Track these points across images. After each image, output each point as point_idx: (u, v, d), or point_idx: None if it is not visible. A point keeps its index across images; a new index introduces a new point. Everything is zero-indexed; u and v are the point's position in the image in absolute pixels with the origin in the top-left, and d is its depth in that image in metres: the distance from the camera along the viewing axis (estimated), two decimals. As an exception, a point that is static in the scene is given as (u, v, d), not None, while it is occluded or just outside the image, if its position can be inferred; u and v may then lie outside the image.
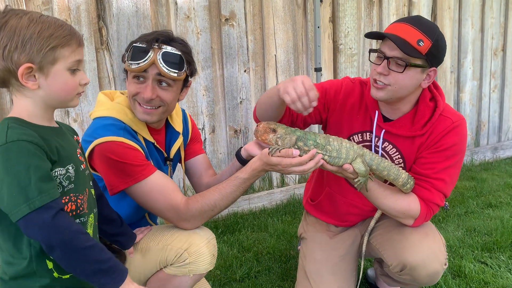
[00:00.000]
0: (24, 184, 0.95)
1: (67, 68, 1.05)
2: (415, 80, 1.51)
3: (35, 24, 1.00)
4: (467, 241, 2.43)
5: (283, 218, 2.85)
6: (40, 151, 0.99)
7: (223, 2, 2.81)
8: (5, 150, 0.96)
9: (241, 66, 2.94)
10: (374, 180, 1.54)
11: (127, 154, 1.38)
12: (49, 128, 1.09)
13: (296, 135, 1.40)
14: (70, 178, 1.09)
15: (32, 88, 1.02)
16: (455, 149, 1.58)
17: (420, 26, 1.47)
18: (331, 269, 1.80)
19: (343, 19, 3.20)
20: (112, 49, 2.53)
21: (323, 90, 1.70)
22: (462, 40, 3.89)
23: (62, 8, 2.37)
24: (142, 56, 1.38)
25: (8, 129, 0.99)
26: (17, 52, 0.99)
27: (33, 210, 0.95)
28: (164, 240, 1.44)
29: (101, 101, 1.51)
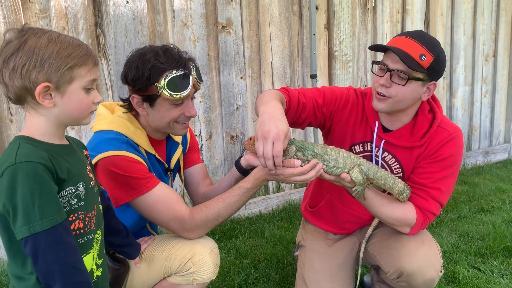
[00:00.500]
0: (27, 207, 0.97)
1: (83, 87, 1.07)
2: (415, 93, 1.55)
3: (54, 44, 1.02)
4: (461, 246, 2.48)
5: (279, 224, 2.87)
6: (48, 174, 1.00)
7: (220, 10, 2.83)
8: (13, 171, 0.97)
9: (237, 73, 2.96)
10: (371, 189, 1.57)
11: (131, 167, 1.39)
12: (60, 147, 1.10)
13: (295, 146, 1.42)
14: (80, 196, 1.10)
15: (48, 107, 1.04)
16: (452, 159, 1.62)
17: (423, 41, 1.51)
18: (329, 278, 1.82)
19: (338, 26, 3.24)
20: (109, 56, 2.54)
21: (333, 97, 1.71)
22: (454, 46, 3.95)
23: (59, 16, 2.38)
24: (186, 83, 1.42)
25: (18, 148, 1.00)
26: (35, 71, 1.01)
27: (32, 234, 0.97)
28: (168, 249, 1.46)
29: (102, 114, 1.52)
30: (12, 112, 2.33)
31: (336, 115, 1.72)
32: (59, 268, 1.00)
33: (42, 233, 0.98)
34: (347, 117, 1.72)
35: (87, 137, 2.53)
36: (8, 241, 1.04)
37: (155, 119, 1.49)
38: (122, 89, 2.58)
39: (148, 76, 1.40)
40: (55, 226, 0.99)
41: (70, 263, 1.01)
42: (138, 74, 1.41)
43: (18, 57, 1.00)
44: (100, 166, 1.39)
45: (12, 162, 0.98)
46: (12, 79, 1.01)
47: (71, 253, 1.02)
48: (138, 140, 1.48)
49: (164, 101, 1.44)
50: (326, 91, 1.73)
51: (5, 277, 2.25)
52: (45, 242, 0.98)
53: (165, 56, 1.41)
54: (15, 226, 0.98)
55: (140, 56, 1.43)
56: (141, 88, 1.42)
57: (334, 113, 1.72)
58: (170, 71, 1.40)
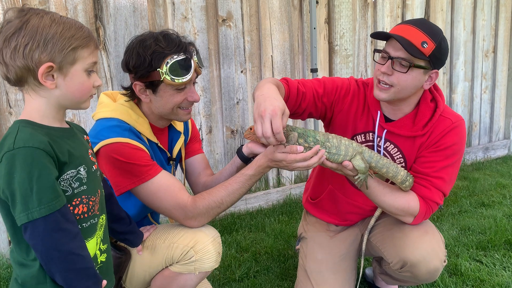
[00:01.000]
0: (25, 193, 0.95)
1: (84, 69, 1.05)
2: (417, 81, 1.54)
3: (57, 24, 1.00)
4: (462, 240, 2.47)
5: (280, 218, 2.86)
6: (48, 159, 0.99)
7: (220, 3, 2.82)
8: (11, 156, 0.96)
9: (238, 66, 2.95)
10: (374, 178, 1.56)
11: (133, 154, 1.38)
12: (60, 130, 1.08)
13: (297, 132, 1.42)
14: (82, 179, 1.08)
15: (50, 88, 1.02)
16: (454, 148, 1.61)
17: (424, 28, 1.50)
18: (332, 269, 1.81)
19: (338, 21, 3.23)
20: (109, 49, 2.52)
21: (334, 87, 1.71)
22: (454, 42, 3.95)
23: (59, 8, 2.36)
24: (188, 68, 1.41)
25: (17, 133, 0.98)
26: (39, 51, 0.99)
27: (31, 221, 0.96)
28: (170, 238, 1.45)
29: (104, 102, 1.51)
30: (11, 105, 2.31)
31: (337, 105, 1.71)
32: (59, 255, 0.98)
33: (40, 220, 0.96)
34: (348, 107, 1.71)
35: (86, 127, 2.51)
36: (11, 227, 1.03)
37: (158, 105, 1.48)
38: (122, 82, 2.56)
39: (150, 61, 1.38)
40: (53, 213, 0.98)
41: (70, 249, 1.00)
42: (139, 61, 1.39)
43: (20, 36, 0.98)
44: (102, 153, 1.38)
45: (11, 147, 0.96)
46: (13, 59, 0.99)
47: (71, 239, 1.01)
48: (140, 128, 1.47)
49: (166, 87, 1.43)
50: (327, 81, 1.72)
51: (4, 271, 2.23)
52: (44, 229, 0.97)
53: (165, 41, 1.40)
54: (14, 212, 0.97)
55: (140, 42, 1.42)
56: (143, 74, 1.41)
57: (335, 103, 1.71)
58: (171, 56, 1.39)
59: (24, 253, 1.04)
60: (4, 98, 2.30)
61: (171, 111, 1.49)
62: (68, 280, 1.00)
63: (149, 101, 1.48)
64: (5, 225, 1.04)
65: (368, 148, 1.50)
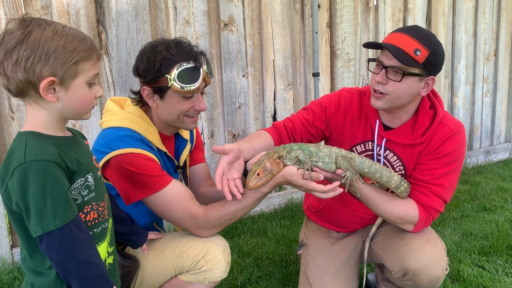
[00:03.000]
0: (39, 206, 0.96)
1: (86, 82, 1.05)
2: (413, 89, 1.54)
3: (59, 37, 0.99)
4: (464, 245, 2.47)
5: (281, 223, 2.86)
6: (59, 171, 1.00)
7: (222, 8, 2.82)
8: (23, 170, 0.96)
9: (239, 71, 2.95)
10: (371, 186, 1.56)
11: (146, 165, 1.39)
12: (65, 138, 1.09)
13: (293, 150, 1.45)
14: (90, 187, 1.09)
15: (51, 101, 1.02)
16: (454, 155, 1.61)
17: (417, 35, 1.50)
18: (333, 275, 1.81)
19: (340, 25, 3.23)
20: (111, 53, 2.52)
21: (322, 108, 1.73)
22: (455, 45, 3.95)
23: (61, 13, 2.36)
24: (197, 76, 1.41)
25: (26, 146, 0.99)
26: (40, 65, 0.98)
27: (46, 233, 0.98)
28: (180, 247, 1.45)
29: (112, 110, 1.51)
30: (13, 110, 2.31)
31: (332, 122, 1.73)
32: (75, 264, 1.00)
33: (55, 231, 0.98)
34: (343, 119, 1.71)
35: (88, 134, 2.51)
36: (25, 237, 1.04)
37: (165, 112, 1.48)
38: (124, 87, 2.56)
39: (159, 67, 1.40)
40: (67, 224, 0.99)
41: (84, 258, 1.02)
42: (149, 65, 1.41)
43: (22, 49, 0.97)
44: (113, 164, 1.38)
45: (22, 161, 0.96)
46: (15, 72, 0.98)
47: (85, 248, 1.03)
48: (150, 137, 1.47)
49: (174, 93, 1.43)
50: (314, 107, 1.74)
51: (6, 276, 2.23)
52: (59, 240, 0.98)
53: (177, 49, 1.41)
54: (29, 225, 0.99)
55: (152, 48, 1.43)
56: (151, 79, 1.42)
57: (329, 121, 1.73)
58: (180, 63, 1.39)
59: (39, 262, 1.05)
60: (6, 103, 2.30)
61: (177, 119, 1.49)
62: (84, 287, 1.02)
63: (156, 107, 1.49)
64: (18, 236, 1.06)
65: (359, 155, 1.51)
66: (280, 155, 1.43)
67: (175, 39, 1.46)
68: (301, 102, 3.24)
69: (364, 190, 1.53)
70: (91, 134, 2.51)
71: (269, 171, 1.40)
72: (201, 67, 1.44)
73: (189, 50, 1.42)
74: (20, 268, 2.29)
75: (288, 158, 1.43)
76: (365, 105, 1.70)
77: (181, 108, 1.46)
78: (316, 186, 1.39)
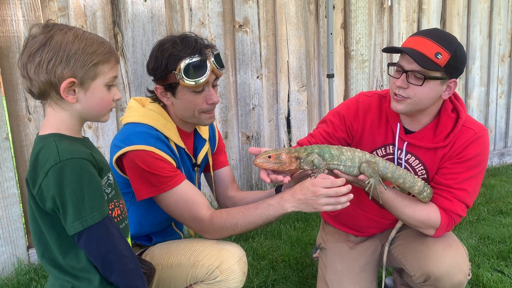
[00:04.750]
0: (77, 202, 0.99)
1: (105, 84, 1.08)
2: (434, 92, 1.52)
3: (80, 40, 1.03)
4: (482, 249, 2.44)
5: (296, 225, 2.85)
6: (92, 168, 1.02)
7: (237, 9, 2.81)
8: (59, 169, 0.99)
9: (254, 72, 2.94)
10: (392, 190, 1.54)
11: (156, 165, 1.39)
12: (85, 140, 1.13)
13: (315, 153, 1.43)
14: (111, 185, 1.13)
15: (71, 102, 1.05)
16: (478, 159, 1.58)
17: (437, 39, 1.48)
18: (352, 280, 1.79)
19: (354, 26, 3.21)
20: (127, 55, 2.52)
21: (341, 117, 1.71)
22: (470, 46, 3.91)
23: (78, 14, 2.37)
24: (203, 69, 1.40)
25: (57, 146, 1.01)
26: (61, 67, 1.01)
27: (86, 228, 1.00)
28: (195, 255, 1.43)
29: (133, 107, 1.52)
30: (30, 111, 2.32)
31: (352, 129, 1.71)
32: (115, 257, 1.03)
33: (94, 226, 1.00)
34: (363, 123, 1.70)
35: (104, 137, 2.51)
36: (58, 238, 1.05)
37: (180, 108, 1.48)
38: (140, 88, 2.57)
39: (166, 64, 1.41)
40: (104, 218, 1.02)
41: (122, 251, 1.05)
42: (157, 64, 1.42)
43: (44, 52, 1.01)
44: (128, 158, 1.40)
45: (57, 160, 0.99)
46: (37, 74, 1.02)
47: (121, 242, 1.06)
48: (168, 133, 1.47)
49: (184, 89, 1.44)
50: (332, 117, 1.73)
51: (23, 277, 2.24)
52: (98, 235, 1.01)
53: (182, 44, 1.41)
54: (66, 223, 1.00)
55: (160, 45, 1.44)
56: (161, 77, 1.43)
57: (349, 129, 1.71)
58: (185, 58, 1.39)
59: (74, 261, 1.07)
60: (24, 104, 2.31)
61: (193, 114, 1.49)
62: (123, 280, 1.05)
63: (171, 104, 1.50)
64: (49, 238, 1.06)
65: (383, 159, 1.49)
66: (298, 156, 1.42)
67: (182, 34, 1.45)
68: (315, 104, 3.23)
69: (386, 194, 1.51)
70: (107, 135, 2.51)
71: (281, 162, 1.38)
72: (208, 60, 1.42)
73: (194, 44, 1.41)
74: (37, 269, 2.30)
75: (305, 162, 1.42)
76: (385, 109, 1.68)
77: (194, 103, 1.45)
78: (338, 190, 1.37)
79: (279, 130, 3.12)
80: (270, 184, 3.17)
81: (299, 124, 3.18)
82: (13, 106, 2.27)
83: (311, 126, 3.21)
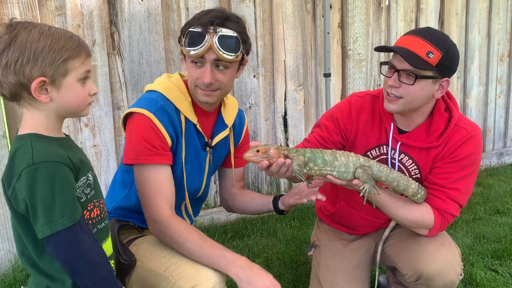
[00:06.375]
0: (48, 206, 0.97)
1: (78, 79, 1.05)
2: (426, 91, 1.52)
3: (46, 37, 0.99)
4: (477, 248, 2.44)
5: (291, 224, 2.86)
6: (68, 171, 1.00)
7: (234, 8, 2.82)
8: (32, 171, 0.96)
9: (250, 71, 2.95)
10: (385, 191, 1.55)
11: (147, 133, 1.39)
12: (65, 139, 1.10)
13: (306, 157, 1.42)
14: (91, 185, 1.11)
15: (45, 102, 1.02)
16: (471, 159, 1.59)
17: (429, 37, 1.48)
18: (345, 278, 1.80)
19: (352, 25, 3.21)
20: (123, 54, 2.54)
21: (334, 120, 1.71)
22: (468, 46, 3.90)
23: (75, 14, 2.38)
24: (199, 41, 1.37)
25: (33, 148, 0.99)
26: (29, 66, 0.98)
27: (54, 233, 0.97)
28: (170, 270, 1.34)
29: (159, 78, 1.56)
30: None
31: (346, 131, 1.71)
32: (84, 264, 1.01)
33: (63, 231, 0.98)
34: (356, 124, 1.70)
35: (100, 135, 2.53)
36: (33, 240, 1.04)
37: (188, 78, 1.50)
38: (136, 87, 2.58)
39: (181, 32, 1.45)
40: (74, 224, 0.99)
41: (92, 259, 1.02)
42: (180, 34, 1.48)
43: (10, 52, 0.97)
44: (129, 119, 1.44)
45: (30, 162, 0.96)
46: (6, 76, 0.98)
47: (91, 249, 1.03)
48: (180, 105, 1.47)
49: (188, 58, 1.45)
50: (326, 121, 1.73)
51: (19, 273, 2.26)
52: (67, 240, 0.99)
53: (200, 14, 1.42)
54: (36, 226, 0.98)
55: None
56: (178, 41, 1.49)
57: (343, 131, 1.71)
58: (191, 26, 1.40)
59: (48, 263, 1.05)
60: (21, 102, 2.32)
61: (191, 86, 1.48)
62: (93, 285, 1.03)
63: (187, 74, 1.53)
64: (24, 239, 1.05)
65: (377, 162, 1.49)
66: (287, 155, 1.42)
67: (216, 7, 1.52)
68: (312, 103, 3.23)
69: (379, 196, 1.52)
70: (103, 133, 2.52)
71: (268, 157, 1.39)
72: (209, 35, 1.37)
73: (203, 16, 1.40)
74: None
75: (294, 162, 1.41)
76: (378, 109, 1.68)
77: (191, 74, 1.45)
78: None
79: (275, 129, 3.13)
80: (267, 183, 3.18)
81: (296, 123, 3.19)
82: (10, 104, 2.29)
83: (308, 125, 3.22)
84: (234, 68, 1.47)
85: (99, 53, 2.45)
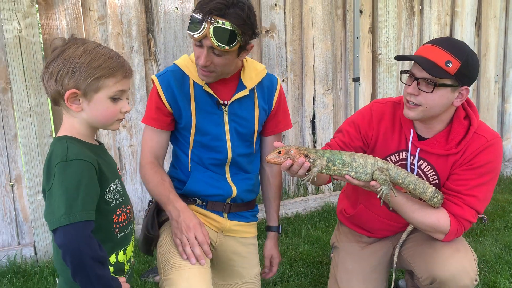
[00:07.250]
0: (71, 198, 1.05)
1: (109, 97, 1.16)
2: (445, 100, 1.55)
3: (88, 54, 1.13)
4: (505, 257, 2.39)
5: (317, 225, 2.91)
6: (95, 173, 1.11)
7: (264, 15, 2.92)
8: (64, 166, 1.08)
9: (279, 76, 3.03)
10: (403, 194, 1.58)
11: (150, 97, 1.68)
12: (97, 147, 1.22)
13: (326, 158, 1.47)
14: (120, 191, 1.22)
15: (75, 111, 1.15)
16: (489, 167, 1.59)
17: (448, 47, 1.51)
18: (362, 279, 1.85)
19: (382, 30, 3.22)
20: (159, 60, 2.70)
21: (356, 126, 1.75)
22: (508, 49, 3.78)
23: (115, 22, 2.57)
24: (197, 27, 1.47)
25: (68, 147, 1.11)
26: (67, 78, 1.12)
27: (71, 223, 1.03)
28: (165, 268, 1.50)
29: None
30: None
31: (368, 137, 1.75)
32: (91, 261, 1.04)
33: (81, 223, 1.04)
34: (377, 131, 1.74)
35: (137, 135, 2.69)
36: None
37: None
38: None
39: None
40: (90, 221, 1.07)
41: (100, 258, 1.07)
42: None
43: (56, 63, 1.12)
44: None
45: (64, 159, 1.08)
46: (49, 83, 1.14)
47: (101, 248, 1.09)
48: (186, 70, 1.64)
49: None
50: (348, 126, 1.77)
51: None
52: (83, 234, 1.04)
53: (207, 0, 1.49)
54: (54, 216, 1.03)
55: None
56: None
57: (364, 137, 1.75)
58: (195, 11, 1.49)
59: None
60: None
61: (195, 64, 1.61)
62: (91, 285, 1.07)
63: None
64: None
65: (395, 165, 1.53)
66: (307, 155, 1.47)
67: None
68: (341, 106, 3.27)
69: (396, 199, 1.55)
70: (139, 134, 2.70)
71: (290, 156, 1.44)
72: (206, 23, 1.44)
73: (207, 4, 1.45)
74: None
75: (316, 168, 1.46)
76: (399, 115, 1.72)
77: (194, 52, 1.57)
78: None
79: (303, 132, 3.19)
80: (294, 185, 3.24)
81: (324, 127, 3.24)
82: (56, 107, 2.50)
83: (337, 128, 3.26)
84: (231, 55, 1.53)
85: (136, 59, 2.63)
